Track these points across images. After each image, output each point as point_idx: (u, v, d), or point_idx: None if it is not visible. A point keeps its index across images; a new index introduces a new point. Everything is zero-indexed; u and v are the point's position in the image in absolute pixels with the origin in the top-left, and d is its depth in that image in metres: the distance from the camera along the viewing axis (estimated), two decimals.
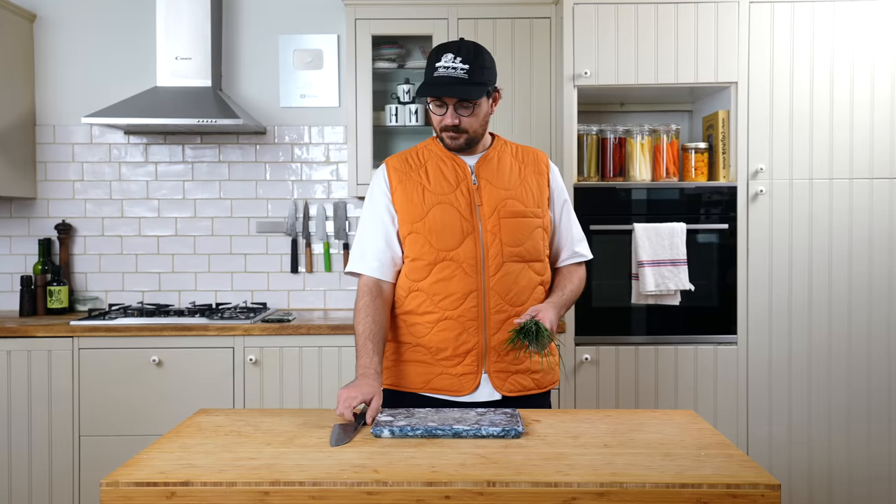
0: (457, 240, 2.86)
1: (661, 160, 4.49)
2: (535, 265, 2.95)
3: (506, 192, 2.92)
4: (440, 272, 2.87)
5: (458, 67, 2.80)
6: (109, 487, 2.04)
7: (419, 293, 2.90)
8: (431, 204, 2.88)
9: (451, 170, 2.93)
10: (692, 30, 4.35)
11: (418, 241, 2.88)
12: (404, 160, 2.99)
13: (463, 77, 2.79)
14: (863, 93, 4.35)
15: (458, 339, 2.87)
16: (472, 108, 2.84)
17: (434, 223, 2.87)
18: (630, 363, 4.38)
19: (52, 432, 4.38)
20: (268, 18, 5.14)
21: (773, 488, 2.01)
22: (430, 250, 2.87)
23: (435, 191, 2.90)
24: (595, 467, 2.12)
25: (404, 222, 2.90)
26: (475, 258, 2.86)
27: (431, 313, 2.89)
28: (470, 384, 2.89)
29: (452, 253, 2.86)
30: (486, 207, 2.89)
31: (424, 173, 2.93)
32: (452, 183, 2.91)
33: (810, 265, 4.38)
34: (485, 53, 2.87)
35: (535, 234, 2.93)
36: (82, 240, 5.14)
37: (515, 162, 3.00)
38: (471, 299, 2.86)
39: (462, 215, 2.87)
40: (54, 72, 5.12)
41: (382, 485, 2.02)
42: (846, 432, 4.40)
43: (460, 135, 2.87)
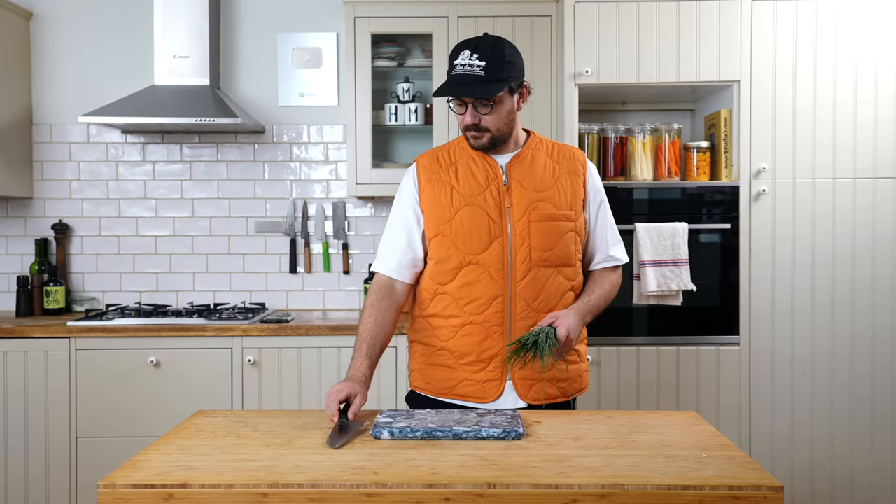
0: (484, 243, 2.79)
1: (662, 159, 4.47)
2: (566, 270, 2.87)
3: (537, 193, 2.84)
4: (466, 276, 2.81)
5: (474, 65, 2.71)
6: (107, 489, 2.03)
7: (444, 296, 2.85)
8: (459, 205, 2.81)
9: (482, 169, 2.85)
10: (694, 28, 4.33)
11: (444, 243, 2.82)
12: (435, 158, 2.91)
13: (479, 74, 2.71)
14: (866, 91, 4.34)
15: (481, 344, 2.82)
16: (491, 105, 2.76)
17: (461, 226, 2.80)
18: (632, 364, 4.35)
19: (49, 434, 4.36)
20: (266, 16, 5.12)
21: (775, 490, 1.99)
22: (457, 253, 2.81)
23: (464, 191, 2.83)
24: (596, 469, 2.11)
25: (431, 224, 2.85)
26: (502, 262, 2.80)
27: (456, 317, 2.84)
28: (494, 391, 2.84)
29: (479, 256, 2.79)
30: (517, 210, 2.81)
31: (454, 172, 2.86)
32: (482, 183, 2.83)
33: (813, 265, 4.35)
34: (506, 48, 2.78)
35: (567, 238, 2.85)
36: (79, 240, 5.12)
37: (550, 161, 2.91)
38: (496, 304, 2.80)
39: (491, 217, 2.80)
40: (51, 70, 5.10)
41: (382, 486, 2.01)
42: (849, 435, 4.38)
43: (482, 134, 2.80)
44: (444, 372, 2.88)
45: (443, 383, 2.89)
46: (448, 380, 2.88)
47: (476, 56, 2.71)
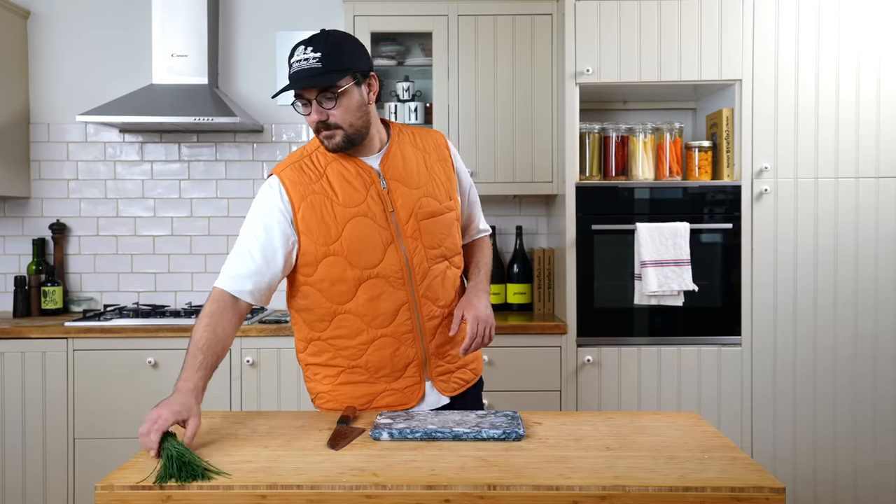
0: (378, 254, 2.67)
1: (664, 159, 4.45)
2: (455, 259, 2.85)
3: (417, 191, 2.74)
4: (367, 291, 2.68)
5: (310, 58, 2.55)
6: (104, 491, 2.02)
7: (347, 315, 2.71)
8: (344, 220, 2.65)
9: (356, 175, 2.69)
10: (695, 26, 4.32)
11: (338, 263, 2.66)
12: (300, 170, 2.69)
13: (316, 66, 2.54)
14: (869, 90, 4.32)
15: (394, 355, 2.74)
16: (335, 97, 2.57)
17: (352, 241, 2.64)
18: (632, 364, 4.33)
19: (47, 435, 4.35)
20: (265, 15, 5.10)
21: (777, 492, 1.99)
22: (352, 270, 2.66)
23: (344, 203, 2.66)
24: (597, 470, 2.11)
25: (317, 245, 2.65)
26: (400, 269, 2.69)
27: (363, 333, 2.72)
28: (415, 395, 2.79)
29: (376, 269, 2.67)
30: (402, 212, 2.70)
31: (328, 184, 2.67)
32: (361, 190, 2.67)
33: (815, 266, 4.34)
34: (344, 39, 2.62)
35: (452, 228, 2.81)
36: (77, 240, 5.11)
37: (418, 152, 2.80)
38: (403, 312, 2.72)
39: (379, 225, 2.67)
40: (49, 69, 5.09)
41: (381, 488, 2.01)
42: (852, 436, 4.36)
43: (334, 132, 2.61)
44: (361, 388, 2.78)
45: (362, 398, 2.79)
46: (367, 394, 2.78)
47: (311, 49, 2.56)
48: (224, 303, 2.62)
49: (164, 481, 2.04)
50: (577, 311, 4.34)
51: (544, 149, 4.63)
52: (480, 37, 4.60)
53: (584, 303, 4.34)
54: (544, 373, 4.33)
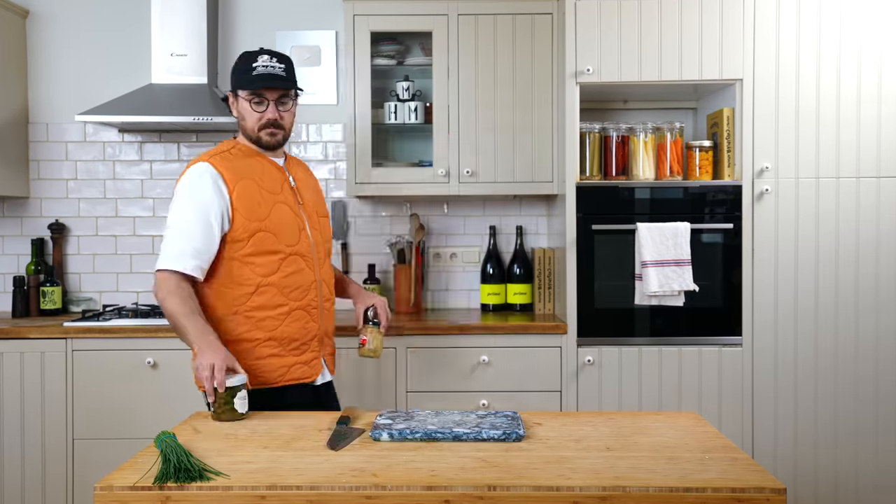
0: (296, 235, 3.10)
1: (664, 158, 4.44)
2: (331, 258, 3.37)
3: (314, 193, 3.31)
4: (290, 265, 3.07)
5: (276, 66, 3.09)
6: (103, 492, 2.03)
7: (270, 287, 3.04)
8: (271, 202, 3.06)
9: (271, 170, 3.14)
10: (696, 25, 4.30)
11: (268, 238, 3.03)
12: (227, 159, 3.08)
13: (282, 74, 3.09)
14: (870, 89, 4.30)
15: (305, 327, 3.13)
16: (290, 104, 3.15)
17: (279, 220, 3.06)
18: (633, 365, 4.32)
19: (45, 435, 4.34)
20: (264, 14, 5.09)
21: (778, 492, 2.00)
22: (281, 245, 3.05)
23: (269, 189, 3.08)
24: (598, 471, 2.12)
25: (250, 220, 3.00)
26: (310, 252, 3.15)
27: (283, 305, 3.07)
28: (317, 368, 3.19)
29: (296, 247, 3.09)
30: (308, 206, 3.22)
31: (252, 172, 3.08)
32: (278, 182, 3.13)
33: (817, 266, 4.32)
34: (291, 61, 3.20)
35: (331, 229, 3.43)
36: (76, 240, 5.09)
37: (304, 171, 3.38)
38: (312, 289, 3.15)
39: (294, 212, 3.13)
40: (47, 69, 5.08)
41: (381, 489, 2.03)
42: (853, 436, 4.35)
43: (279, 131, 3.13)
44: (274, 361, 3.08)
45: (274, 372, 3.08)
46: (279, 367, 3.09)
47: (276, 59, 3.11)
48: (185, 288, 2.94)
49: (163, 482, 2.05)
50: (578, 311, 4.33)
51: (545, 149, 4.62)
52: (480, 36, 4.59)
53: (585, 303, 4.33)
54: (545, 373, 4.32)
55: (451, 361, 4.31)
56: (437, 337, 4.29)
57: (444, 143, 4.61)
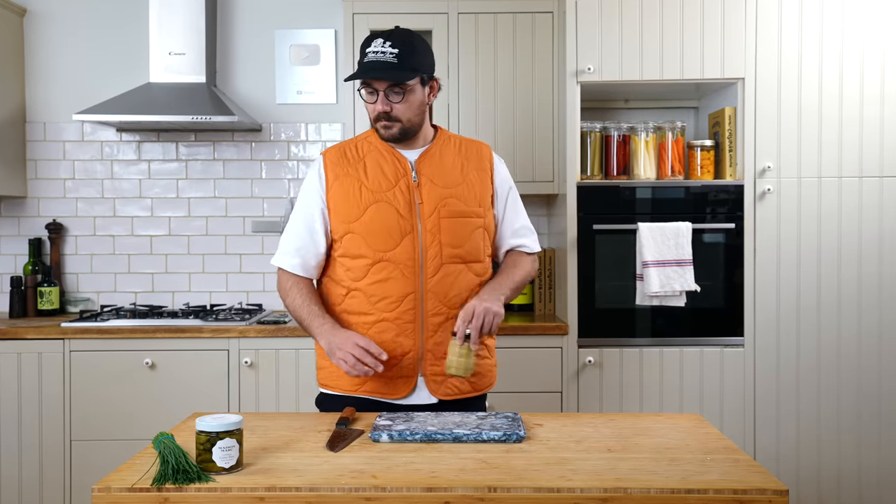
0: (394, 240, 2.82)
1: (665, 158, 4.42)
2: (475, 266, 2.92)
3: (447, 190, 2.89)
4: (377, 273, 2.83)
5: (387, 52, 2.76)
6: (101, 493, 2.02)
7: (357, 293, 2.87)
8: (368, 202, 2.83)
9: (391, 165, 2.88)
10: (698, 24, 4.29)
11: (355, 240, 2.84)
12: (342, 153, 2.92)
13: (392, 61, 2.75)
14: (872, 88, 4.29)
15: (394, 341, 2.84)
16: (402, 93, 2.80)
17: (371, 223, 2.83)
18: (634, 366, 4.31)
19: (43, 436, 4.33)
20: (263, 13, 5.07)
21: (781, 494, 1.99)
22: (368, 250, 2.83)
23: (373, 188, 2.85)
24: (598, 472, 2.11)
25: (341, 221, 2.86)
26: (413, 259, 2.83)
27: (368, 314, 2.86)
28: (405, 387, 2.87)
29: (390, 254, 2.82)
30: (427, 206, 2.85)
31: (363, 168, 2.88)
32: (392, 179, 2.86)
33: (819, 265, 4.31)
34: (418, 40, 2.84)
35: (476, 234, 2.91)
36: (73, 239, 5.08)
37: (458, 158, 2.96)
38: (408, 301, 2.83)
39: (400, 214, 2.83)
40: (45, 67, 5.06)
41: (381, 490, 2.01)
42: (856, 437, 4.33)
43: (393, 123, 2.83)
44: None
45: (353, 379, 2.88)
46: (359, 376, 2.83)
47: (389, 44, 2.77)
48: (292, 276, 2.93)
49: (161, 483, 2.03)
50: (579, 311, 4.32)
51: (545, 148, 4.61)
52: (481, 35, 4.58)
53: (586, 303, 4.32)
54: (545, 374, 4.31)
55: None
56: None
57: None
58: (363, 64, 2.78)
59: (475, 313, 2.71)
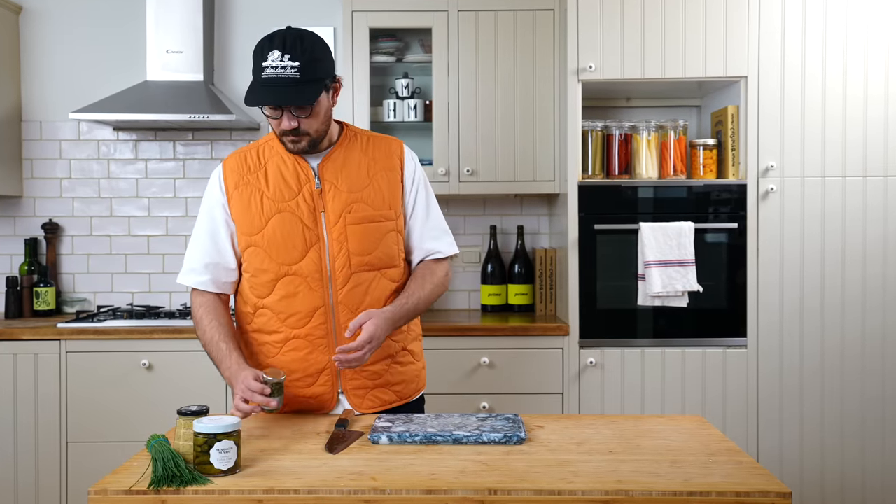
0: (299, 252, 2.67)
1: (668, 157, 4.41)
2: (390, 272, 2.77)
3: (352, 194, 2.71)
4: (284, 288, 2.69)
5: (287, 66, 2.51)
6: (98, 496, 2.02)
7: (265, 310, 2.74)
8: (270, 213, 2.68)
9: (293, 172, 2.71)
10: (700, 22, 4.27)
11: (258, 254, 2.70)
12: (242, 160, 2.75)
13: (295, 77, 2.52)
14: (877, 87, 4.27)
15: (307, 359, 2.72)
16: (309, 108, 2.59)
17: (274, 235, 2.67)
18: (636, 367, 4.29)
19: (39, 438, 4.31)
20: (262, 10, 5.05)
21: (784, 496, 1.98)
22: (272, 265, 2.68)
23: (274, 197, 2.69)
24: (600, 475, 2.10)
25: (242, 234, 2.71)
26: (320, 271, 2.69)
27: (278, 332, 2.73)
28: (328, 404, 2.77)
29: (295, 267, 2.67)
30: (331, 214, 2.69)
31: (264, 176, 2.71)
32: (294, 188, 2.70)
33: (822, 265, 4.29)
34: (316, 43, 2.59)
35: (388, 238, 2.75)
36: (70, 239, 5.05)
37: (365, 158, 2.77)
38: (318, 316, 2.70)
39: (305, 224, 2.68)
40: (41, 66, 5.03)
41: (380, 493, 2.00)
42: (860, 439, 4.31)
43: (301, 138, 2.63)
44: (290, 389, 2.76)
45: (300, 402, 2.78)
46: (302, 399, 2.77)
47: (288, 57, 2.52)
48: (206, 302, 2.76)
49: (159, 486, 2.02)
50: (580, 312, 4.30)
51: (546, 147, 4.58)
52: (481, 33, 4.55)
53: (587, 304, 4.30)
54: (546, 375, 4.29)
55: (451, 363, 4.28)
56: (436, 338, 4.24)
57: (443, 141, 4.57)
58: (262, 81, 2.54)
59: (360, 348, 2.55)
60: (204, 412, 2.19)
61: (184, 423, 2.15)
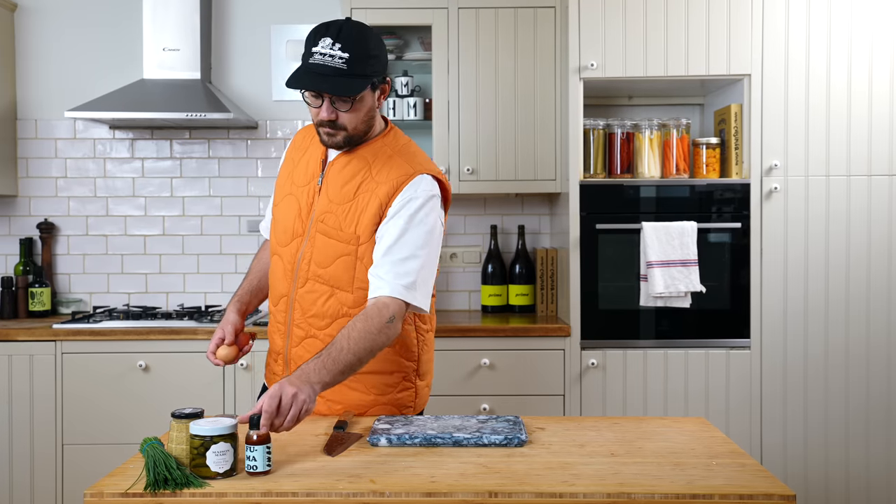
0: (287, 238, 2.71)
1: (670, 156, 4.38)
2: (341, 295, 2.63)
3: (332, 204, 2.63)
4: (273, 262, 2.80)
5: (336, 55, 2.45)
6: (94, 498, 2.01)
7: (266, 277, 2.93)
8: (284, 193, 2.77)
9: (315, 161, 2.71)
10: (703, 19, 4.24)
11: (272, 225, 2.83)
12: (304, 134, 2.84)
13: (341, 67, 2.45)
14: (881, 85, 4.25)
15: (274, 334, 2.80)
16: (351, 102, 2.51)
17: (279, 213, 2.77)
18: (638, 368, 4.27)
19: (34, 440, 4.30)
20: (260, 8, 5.02)
21: (788, 499, 1.97)
22: (273, 237, 2.80)
23: (293, 179, 2.75)
24: (602, 477, 2.10)
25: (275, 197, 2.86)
26: (293, 263, 2.69)
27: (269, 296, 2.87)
28: None
29: (282, 249, 2.74)
30: (316, 215, 2.66)
31: (302, 156, 2.78)
32: (307, 177, 2.72)
33: (827, 265, 4.27)
34: (371, 39, 2.52)
35: (341, 262, 2.62)
36: (65, 239, 5.02)
37: (362, 172, 2.63)
38: (282, 303, 2.74)
39: (300, 215, 2.69)
40: (36, 64, 5.00)
41: (379, 495, 1.99)
42: (865, 441, 4.29)
43: (338, 132, 2.56)
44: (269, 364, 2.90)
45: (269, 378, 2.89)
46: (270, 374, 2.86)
47: (339, 46, 2.46)
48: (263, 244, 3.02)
49: (155, 489, 2.00)
50: (581, 312, 4.28)
51: (547, 146, 4.56)
52: (481, 30, 4.53)
53: (589, 304, 4.28)
54: (547, 376, 4.27)
55: (451, 364, 4.25)
56: (436, 339, 4.16)
57: (443, 139, 4.54)
58: (308, 66, 2.49)
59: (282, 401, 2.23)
60: (198, 415, 2.16)
61: (177, 425, 2.12)
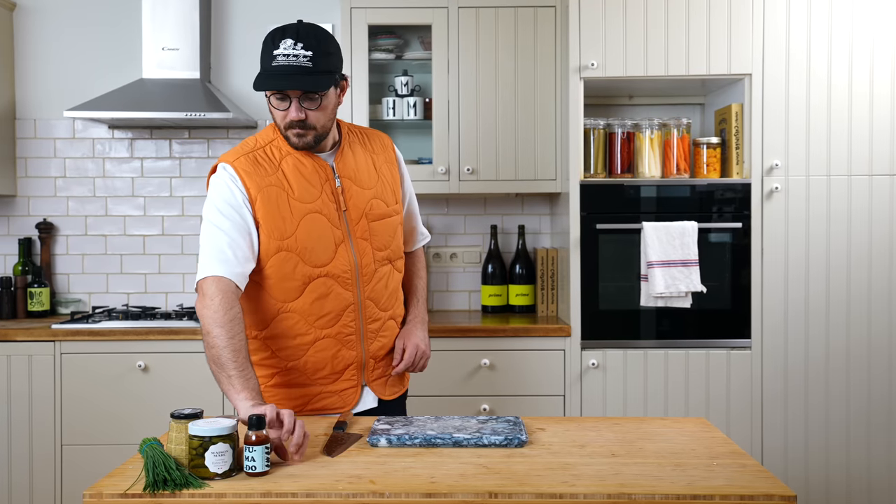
0: (330, 252, 2.67)
1: (671, 156, 4.37)
2: (398, 263, 2.90)
3: (369, 191, 2.77)
4: (315, 290, 2.67)
5: (300, 55, 2.53)
6: (93, 499, 2.01)
7: (290, 314, 2.69)
8: (300, 215, 2.64)
9: (312, 170, 2.69)
10: (704, 19, 4.23)
11: (290, 259, 2.63)
12: (254, 161, 2.64)
13: (307, 66, 2.53)
14: (882, 85, 4.23)
15: (335, 356, 2.74)
16: (319, 100, 2.59)
17: (306, 238, 2.64)
18: (639, 368, 4.26)
19: (33, 441, 4.29)
20: (259, 7, 5.02)
21: (788, 499, 1.97)
22: (304, 268, 2.65)
23: (301, 199, 2.65)
24: (602, 477, 2.10)
25: (271, 239, 2.61)
26: (350, 269, 2.71)
27: (305, 335, 2.71)
28: (352, 397, 2.80)
29: (327, 268, 2.67)
30: (353, 211, 2.72)
31: (283, 177, 2.65)
32: (317, 186, 2.68)
33: (828, 266, 4.26)
34: (328, 37, 2.61)
35: (398, 232, 2.87)
36: (64, 239, 5.01)
37: (367, 153, 2.83)
38: (349, 313, 2.73)
39: (332, 223, 2.68)
40: (35, 63, 5.00)
41: (379, 496, 1.99)
42: (866, 441, 4.28)
43: (308, 132, 2.62)
44: (296, 390, 2.77)
45: (296, 401, 2.76)
46: (302, 396, 2.77)
47: (301, 46, 2.54)
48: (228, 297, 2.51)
49: (154, 489, 1.99)
50: (582, 313, 4.26)
51: (547, 145, 4.55)
52: (481, 30, 4.52)
53: (589, 304, 4.27)
54: (547, 377, 4.26)
55: (451, 365, 4.25)
56: (436, 339, 4.19)
57: (443, 139, 4.53)
58: (273, 69, 2.54)
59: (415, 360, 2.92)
60: (197, 415, 2.15)
61: (176, 426, 2.11)
